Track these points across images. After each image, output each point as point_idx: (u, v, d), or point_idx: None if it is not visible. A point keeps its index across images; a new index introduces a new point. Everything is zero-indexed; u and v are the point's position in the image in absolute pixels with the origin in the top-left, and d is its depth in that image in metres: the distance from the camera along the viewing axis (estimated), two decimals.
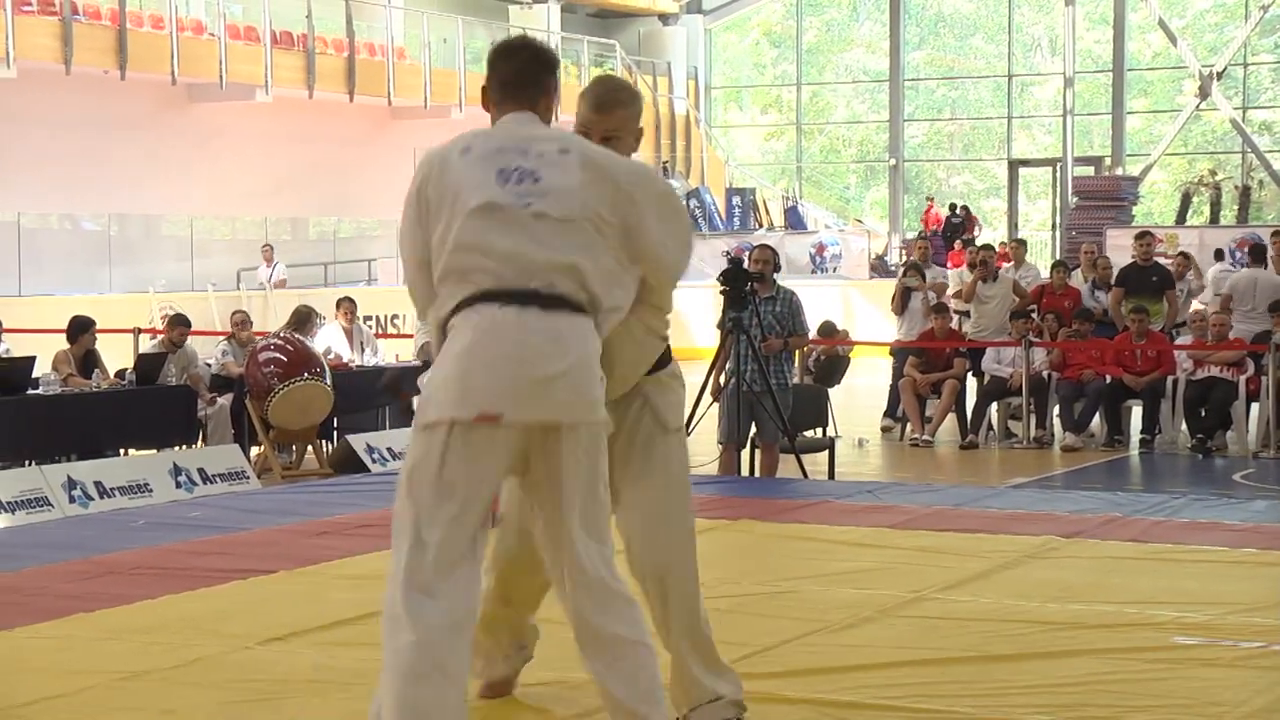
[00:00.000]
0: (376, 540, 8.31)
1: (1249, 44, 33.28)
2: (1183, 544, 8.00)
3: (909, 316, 16.47)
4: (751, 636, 5.93)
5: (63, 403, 12.37)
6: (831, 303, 24.30)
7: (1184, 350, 14.94)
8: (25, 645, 6.03)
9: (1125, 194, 29.36)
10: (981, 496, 9.97)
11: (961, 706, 5.07)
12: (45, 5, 23.33)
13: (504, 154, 4.31)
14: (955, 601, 6.64)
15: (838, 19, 38.53)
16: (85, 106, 24.09)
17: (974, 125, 37.78)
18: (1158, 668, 5.53)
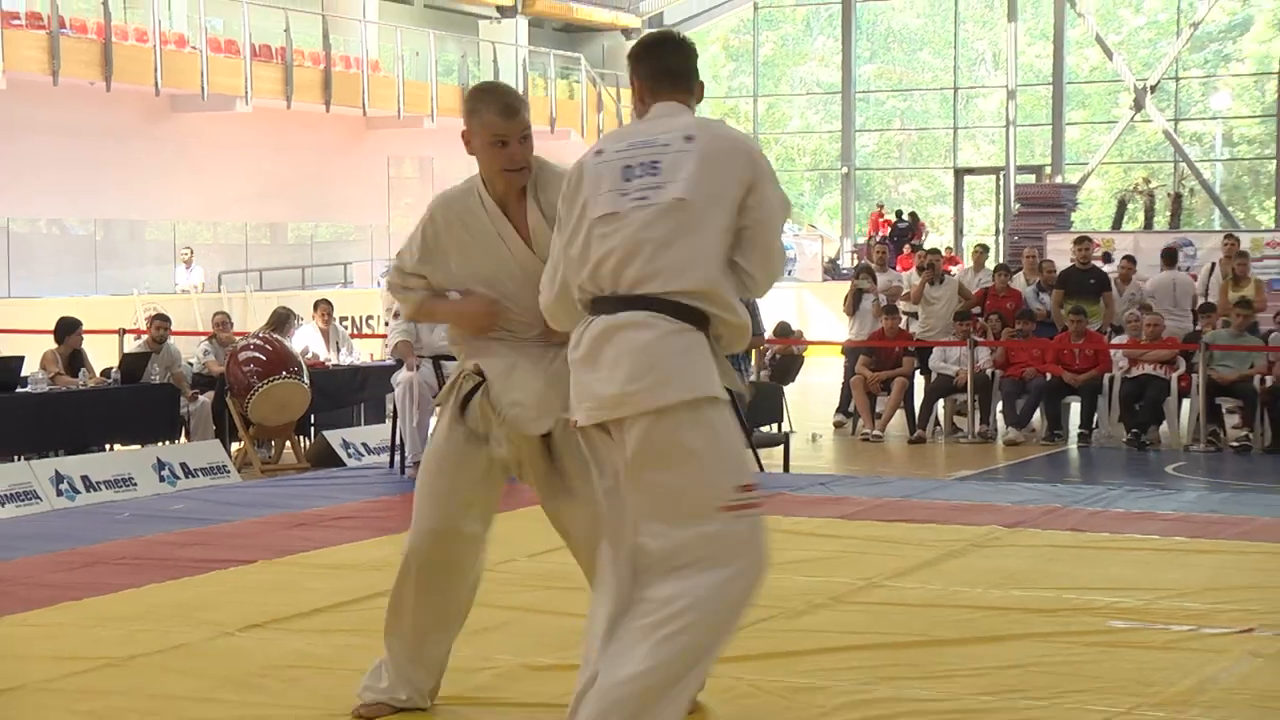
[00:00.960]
0: (352, 531, 8.31)
1: (1180, 59, 33.44)
2: (1118, 533, 8.05)
3: (860, 317, 16.51)
4: None
5: (51, 400, 12.30)
6: (787, 304, 24.35)
7: (1120, 349, 15.02)
8: (15, 632, 6.01)
9: (1064, 201, 29.45)
10: (929, 488, 10.01)
11: (910, 688, 5.09)
12: (33, 19, 23.20)
13: (634, 150, 4.22)
14: (904, 588, 6.66)
15: (792, 34, 38.58)
16: (72, 116, 23.95)
17: (922, 135, 37.87)
18: (1094, 651, 5.56)
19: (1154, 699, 4.95)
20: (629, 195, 4.13)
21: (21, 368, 12.50)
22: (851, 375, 15.65)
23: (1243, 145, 35.32)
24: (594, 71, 34.15)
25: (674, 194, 4.09)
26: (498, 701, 5.01)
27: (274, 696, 5.00)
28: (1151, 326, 14.81)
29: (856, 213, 35.71)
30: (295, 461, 13.32)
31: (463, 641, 5.74)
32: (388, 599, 4.86)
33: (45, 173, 23.63)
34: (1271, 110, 32.81)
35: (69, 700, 5.03)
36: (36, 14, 23.16)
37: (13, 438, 11.64)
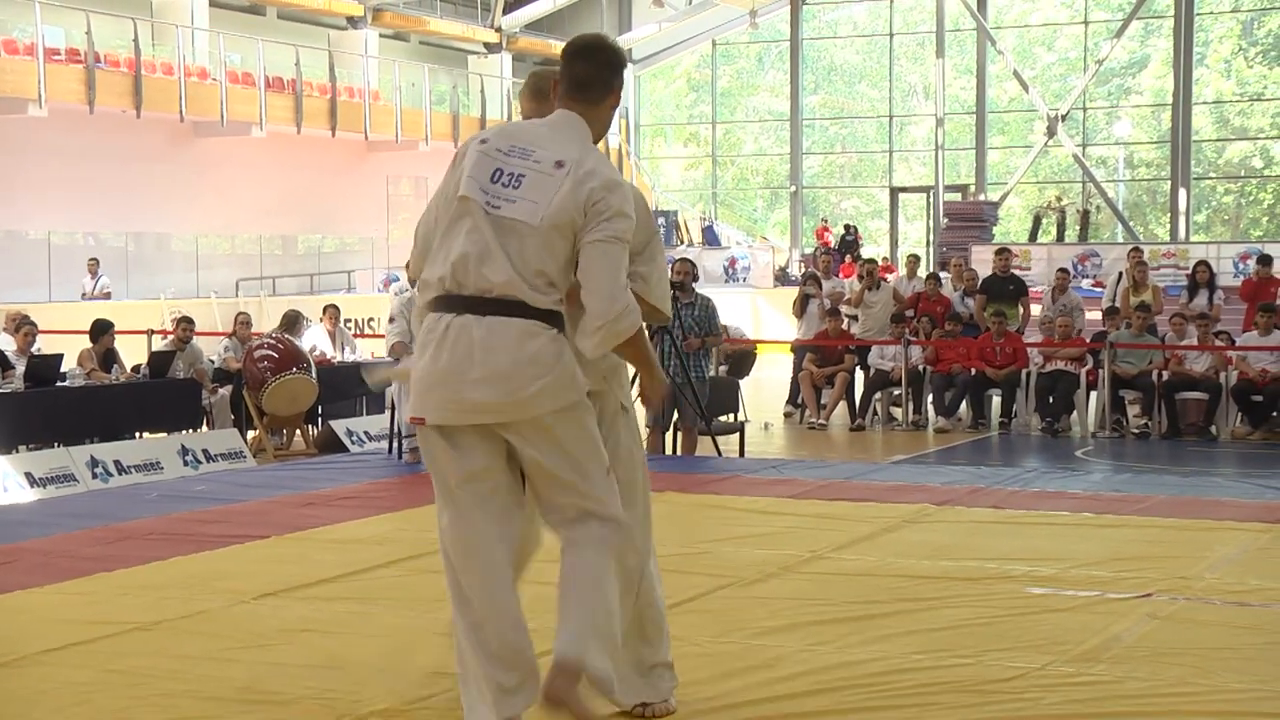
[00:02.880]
0: (355, 510, 8.28)
1: (1087, 92, 33.55)
2: (1034, 510, 8.06)
3: (807, 319, 16.52)
4: (675, 591, 5.91)
5: (86, 394, 12.25)
6: (742, 307, 24.36)
7: (1035, 347, 15.07)
8: (53, 600, 5.97)
9: (986, 216, 29.56)
10: (868, 471, 10.01)
11: (851, 649, 5.09)
12: (72, 54, 23.08)
13: (509, 157, 3.94)
14: (845, 560, 6.66)
15: (746, 68, 38.58)
16: (106, 141, 23.84)
17: (861, 158, 37.93)
18: (1013, 614, 5.57)
19: (1065, 656, 4.95)
20: (487, 195, 3.90)
21: (61, 364, 12.45)
22: (799, 371, 15.67)
23: (1142, 168, 35.48)
24: None
25: (520, 214, 3.86)
26: None
27: (285, 656, 4.97)
28: (1063, 328, 14.87)
29: (803, 226, 35.73)
30: (304, 448, 13.27)
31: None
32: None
33: (82, 191, 23.53)
34: (1166, 137, 32.95)
35: (102, 660, 5.00)
36: (75, 49, 23.06)
37: (53, 427, 11.59)
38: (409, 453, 10.55)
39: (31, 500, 9.62)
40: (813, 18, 36.50)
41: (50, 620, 5.57)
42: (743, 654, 4.99)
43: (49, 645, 5.17)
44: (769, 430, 14.86)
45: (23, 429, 11.43)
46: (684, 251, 27.17)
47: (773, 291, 27.92)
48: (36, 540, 7.37)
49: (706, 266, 27.21)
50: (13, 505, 9.30)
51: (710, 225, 34.37)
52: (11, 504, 9.35)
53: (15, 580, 6.31)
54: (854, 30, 37.25)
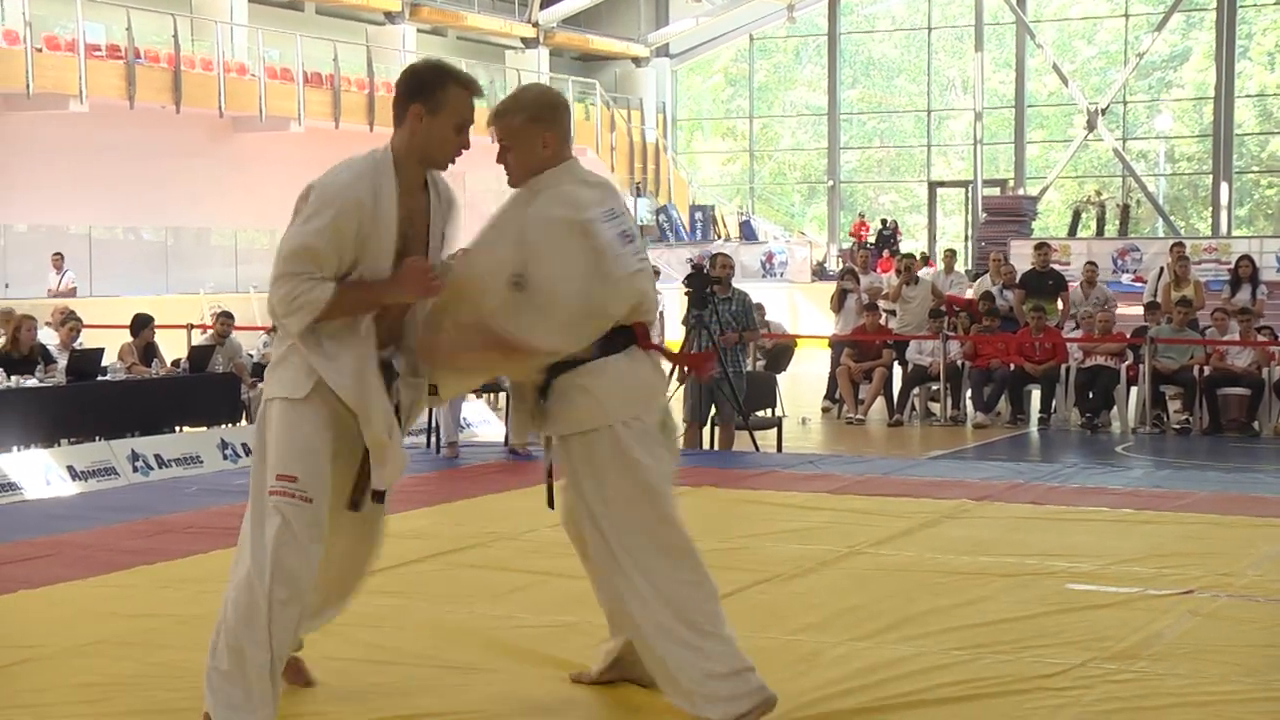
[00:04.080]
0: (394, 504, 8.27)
1: (1128, 85, 33.32)
2: (1074, 506, 8.03)
3: (845, 314, 16.49)
4: None
5: (127, 387, 12.32)
6: (779, 302, 24.30)
7: (1075, 342, 14.99)
8: (95, 592, 6.02)
9: (1025, 211, 29.39)
10: (906, 466, 9.99)
11: (889, 644, 5.08)
12: (112, 50, 23.21)
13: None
14: (884, 555, 6.65)
15: (784, 62, 38.48)
16: (146, 136, 23.97)
17: (899, 152, 37.77)
18: (1053, 610, 5.54)
19: (1106, 652, 4.93)
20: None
21: (102, 359, 12.52)
22: (837, 366, 15.63)
23: (1183, 162, 35.20)
24: (607, 96, 34.13)
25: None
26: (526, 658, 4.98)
27: (325, 650, 4.99)
28: (1103, 323, 14.79)
29: (841, 221, 35.65)
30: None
31: (492, 603, 5.75)
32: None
33: (122, 186, 23.66)
34: (1208, 131, 32.70)
35: (142, 653, 5.03)
36: (115, 45, 23.19)
37: (94, 420, 11.65)
38: (447, 447, 10.58)
39: (73, 493, 9.69)
40: (850, 12, 36.38)
41: (91, 613, 5.61)
42: (780, 649, 4.98)
43: (90, 638, 5.21)
44: (806, 425, 14.82)
45: (65, 422, 11.50)
46: (721, 246, 27.12)
47: (810, 286, 27.83)
48: (78, 533, 7.43)
49: (744, 261, 27.17)
50: (55, 498, 9.38)
51: (747, 220, 34.29)
52: (53, 497, 9.43)
53: (57, 573, 6.36)
54: (892, 24, 37.11)
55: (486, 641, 5.12)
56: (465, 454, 10.61)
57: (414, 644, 5.11)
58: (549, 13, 33.04)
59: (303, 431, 4.05)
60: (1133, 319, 16.43)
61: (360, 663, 4.89)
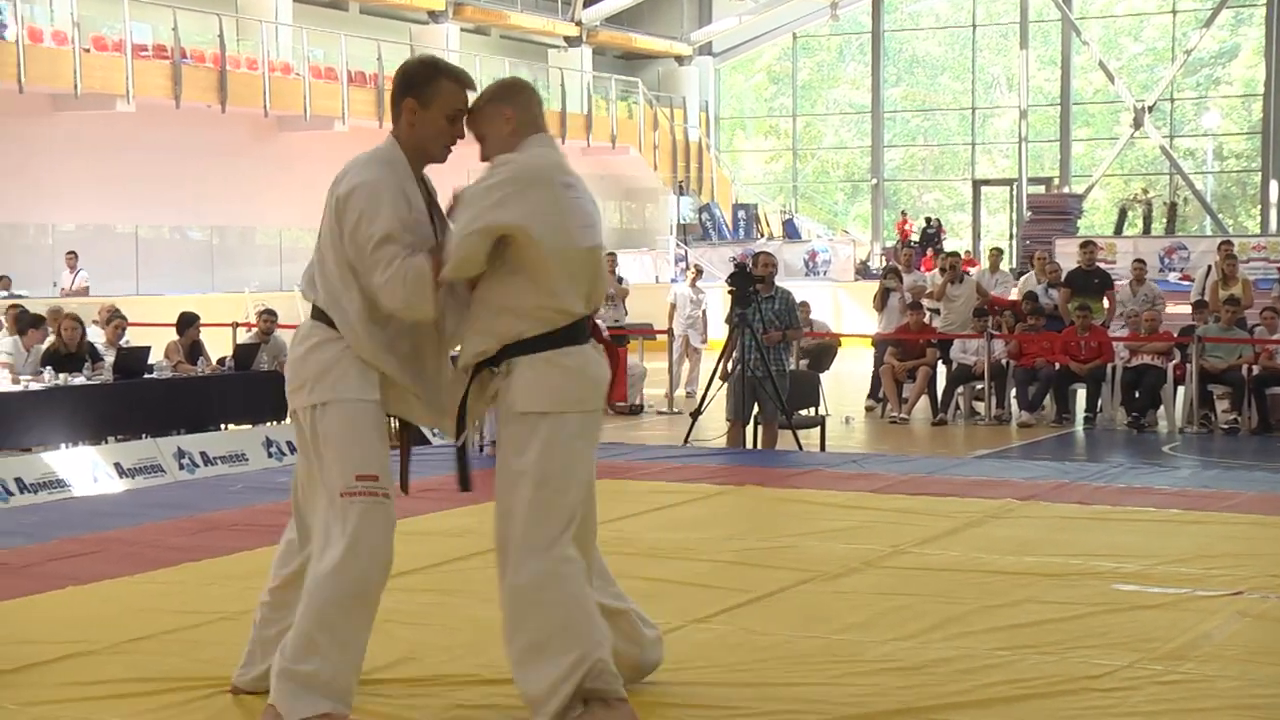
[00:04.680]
0: (436, 502, 8.33)
1: (1175, 82, 33.09)
2: (1120, 506, 7.97)
3: (888, 313, 16.44)
4: (756, 584, 5.92)
5: (173, 385, 12.41)
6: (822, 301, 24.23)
7: (1121, 341, 14.89)
8: (142, 589, 6.06)
9: (1071, 209, 29.21)
10: (950, 466, 9.94)
11: (933, 644, 5.05)
12: (159, 50, 23.39)
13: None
14: (928, 554, 6.62)
15: (827, 60, 38.40)
16: (192, 135, 24.14)
17: (943, 150, 37.62)
18: (1099, 611, 5.50)
19: (1153, 654, 4.89)
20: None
21: (148, 357, 12.61)
22: (880, 365, 15.59)
23: (1231, 159, 34.92)
24: (650, 94, 34.14)
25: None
26: None
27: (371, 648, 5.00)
28: (1149, 321, 14.69)
29: (884, 220, 35.55)
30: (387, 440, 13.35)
31: None
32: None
33: (168, 185, 23.83)
34: (1257, 128, 32.43)
35: (189, 649, 5.06)
36: (161, 46, 23.37)
37: (141, 418, 11.76)
38: (490, 445, 10.59)
39: (120, 490, 9.77)
40: (894, 9, 36.27)
41: (138, 609, 5.64)
42: (824, 649, 4.97)
43: (137, 634, 5.24)
44: (850, 424, 14.78)
45: (111, 420, 11.60)
46: (764, 245, 27.07)
47: (853, 285, 27.75)
48: (124, 530, 7.48)
49: (787, 260, 27.09)
50: (102, 495, 9.45)
51: (790, 218, 34.24)
52: (100, 494, 9.51)
53: (104, 569, 6.41)
54: (936, 22, 36.96)
55: None
56: None
57: (457, 641, 5.12)
58: (592, 11, 33.06)
59: (373, 431, 4.20)
60: (1180, 318, 16.31)
61: (403, 660, 4.90)
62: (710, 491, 8.53)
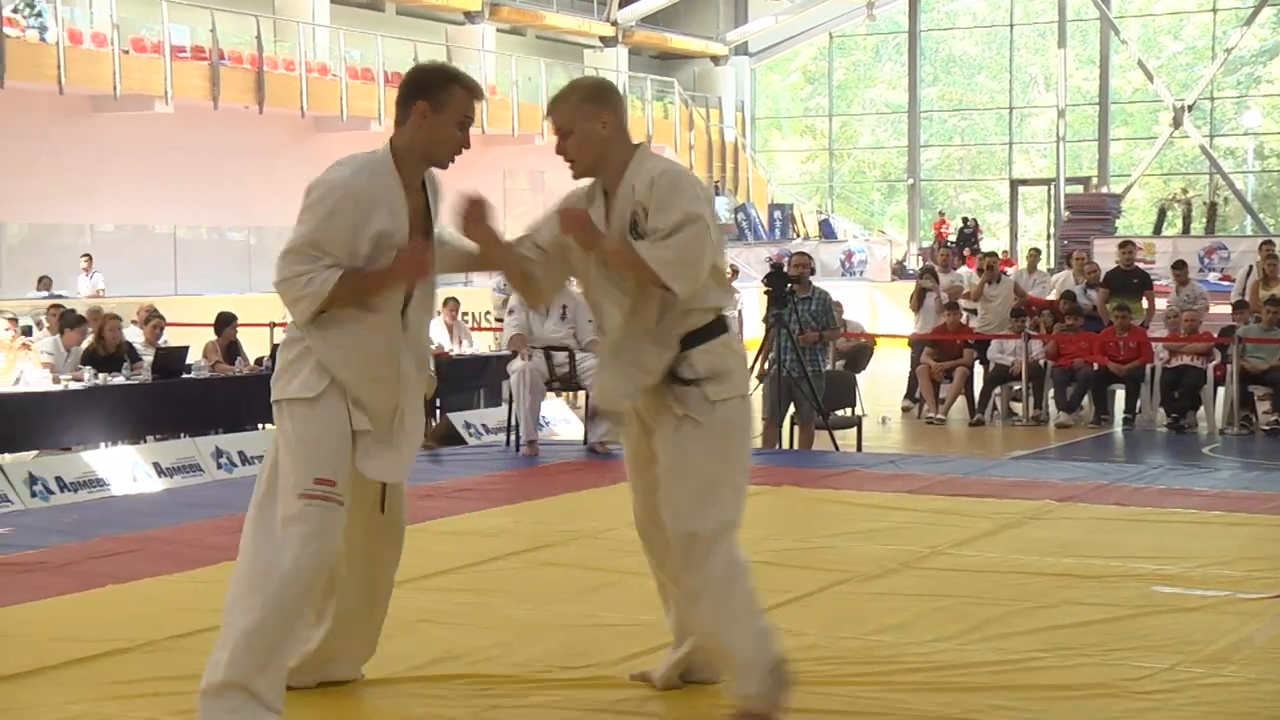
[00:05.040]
0: (473, 502, 8.35)
1: (1215, 81, 32.87)
2: (1160, 507, 7.92)
3: (924, 313, 16.39)
4: (792, 585, 5.91)
5: (211, 385, 12.46)
6: (858, 301, 24.18)
7: (1161, 342, 14.80)
8: (180, 588, 6.09)
9: (1109, 209, 29.06)
10: (988, 467, 9.90)
11: (971, 645, 5.03)
12: (197, 52, 23.52)
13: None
14: (965, 556, 6.59)
15: (863, 60, 38.31)
16: (229, 136, 24.27)
17: (980, 150, 37.48)
18: (1139, 613, 5.47)
19: (1194, 656, 4.86)
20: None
21: (186, 356, 12.67)
22: (917, 365, 15.54)
23: (1272, 159, 34.67)
24: (686, 94, 34.13)
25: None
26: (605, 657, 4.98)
27: (403, 647, 5.02)
28: (1189, 322, 14.59)
29: (921, 220, 35.44)
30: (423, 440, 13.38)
31: (572, 601, 5.76)
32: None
33: (206, 186, 23.97)
34: None
35: None
36: (200, 47, 23.50)
37: (179, 417, 11.81)
38: (526, 445, 10.61)
39: (159, 489, 9.82)
40: (931, 9, 36.16)
41: (178, 608, 5.67)
42: (861, 650, 4.95)
43: (176, 631, 5.27)
44: (886, 425, 14.73)
45: (150, 419, 11.66)
46: (800, 245, 27.04)
47: (890, 285, 27.67)
48: (164, 529, 7.52)
49: (823, 260, 27.05)
50: (140, 494, 9.51)
51: (827, 219, 34.18)
52: (140, 493, 9.56)
53: (144, 568, 6.45)
54: (973, 21, 36.83)
55: (565, 640, 5.13)
56: (544, 452, 10.64)
57: (493, 641, 5.13)
58: (628, 11, 33.08)
59: (331, 432, 4.15)
60: (1220, 318, 16.19)
61: (439, 660, 4.91)
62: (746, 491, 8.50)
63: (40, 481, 9.48)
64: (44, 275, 20.02)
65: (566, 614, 5.53)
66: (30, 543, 7.17)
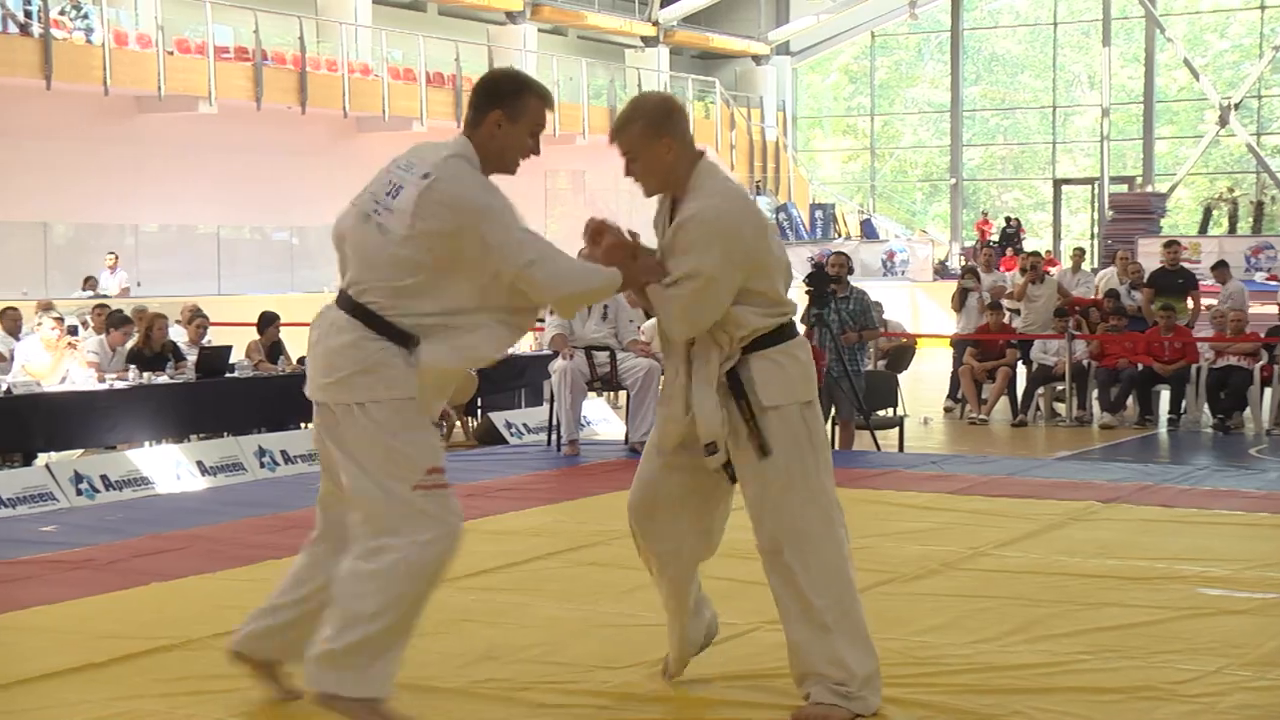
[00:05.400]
0: (514, 501, 8.36)
1: (1263, 79, 32.60)
2: (1205, 509, 7.86)
3: (966, 313, 16.33)
4: None
5: (254, 384, 12.52)
6: (900, 301, 24.11)
7: (1206, 342, 14.69)
8: (224, 586, 6.13)
9: (1154, 208, 28.87)
10: (1030, 467, 9.85)
11: (1014, 647, 5.01)
12: (240, 53, 23.67)
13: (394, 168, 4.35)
14: (1008, 557, 6.56)
15: (905, 59, 38.19)
16: (272, 136, 24.41)
17: (1023, 149, 37.31)
18: (1185, 615, 5.43)
19: (1241, 660, 4.81)
20: (378, 205, 4.25)
21: (230, 356, 12.75)
22: (959, 365, 15.47)
23: None
24: (727, 94, 34.09)
25: (389, 221, 4.16)
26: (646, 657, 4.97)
27: (445, 645, 5.03)
28: (1235, 322, 14.48)
29: (963, 219, 35.29)
30: (464, 439, 13.43)
31: (614, 601, 5.76)
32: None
33: (249, 186, 24.12)
34: None
35: None
36: (243, 48, 23.65)
37: (222, 416, 11.88)
38: (568, 445, 10.62)
39: (202, 488, 9.89)
40: (974, 8, 36.01)
41: (221, 605, 5.70)
42: (903, 651, 4.93)
43: (220, 629, 5.29)
44: (928, 425, 14.68)
45: (194, 418, 11.73)
46: (841, 245, 26.97)
47: (932, 285, 27.57)
48: (208, 527, 7.57)
49: (864, 260, 26.99)
50: (185, 493, 9.57)
51: (868, 218, 34.09)
52: (184, 492, 9.62)
53: (188, 566, 6.49)
54: (1016, 19, 36.66)
55: (607, 639, 5.13)
56: (586, 451, 10.65)
57: (533, 641, 5.14)
58: (669, 11, 33.08)
59: (427, 423, 4.21)
60: (1267, 318, 16.07)
61: (480, 660, 4.92)
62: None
63: (86, 480, 9.57)
64: (89, 275, 20.18)
65: (608, 614, 5.53)
66: (76, 540, 7.23)
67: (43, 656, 4.95)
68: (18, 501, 9.06)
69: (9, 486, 9.15)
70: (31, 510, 8.82)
